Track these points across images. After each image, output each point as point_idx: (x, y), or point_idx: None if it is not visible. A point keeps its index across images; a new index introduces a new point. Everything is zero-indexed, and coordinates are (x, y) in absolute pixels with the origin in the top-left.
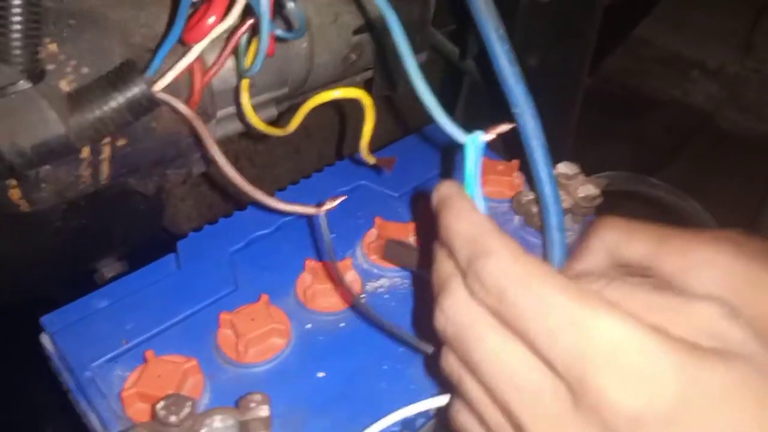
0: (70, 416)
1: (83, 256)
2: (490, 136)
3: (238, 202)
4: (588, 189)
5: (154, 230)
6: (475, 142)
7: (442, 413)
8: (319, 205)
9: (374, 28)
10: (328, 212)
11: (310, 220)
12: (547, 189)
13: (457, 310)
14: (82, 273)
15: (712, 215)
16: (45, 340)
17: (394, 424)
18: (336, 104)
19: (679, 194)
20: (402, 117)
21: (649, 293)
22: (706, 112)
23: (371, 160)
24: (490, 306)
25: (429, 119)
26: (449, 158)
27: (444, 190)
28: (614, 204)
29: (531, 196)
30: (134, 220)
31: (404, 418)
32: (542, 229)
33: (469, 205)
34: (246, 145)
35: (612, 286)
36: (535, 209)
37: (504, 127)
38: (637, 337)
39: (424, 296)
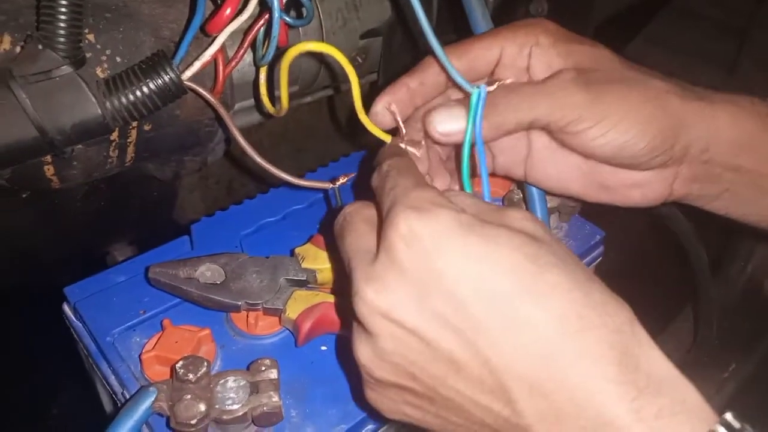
0: (78, 392)
1: (99, 238)
2: (492, 87)
3: (242, 196)
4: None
5: (164, 217)
6: (480, 94)
7: None
8: (333, 180)
9: (379, 34)
10: (333, 201)
11: (326, 196)
12: (534, 190)
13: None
14: (92, 257)
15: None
16: (67, 309)
17: None
18: (336, 106)
19: None
20: None
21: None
22: None
23: (368, 123)
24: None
25: None
26: None
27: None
28: (599, 205)
29: (521, 194)
30: (148, 206)
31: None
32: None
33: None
34: (251, 142)
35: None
36: (524, 207)
37: (507, 80)
38: (435, 198)
39: None
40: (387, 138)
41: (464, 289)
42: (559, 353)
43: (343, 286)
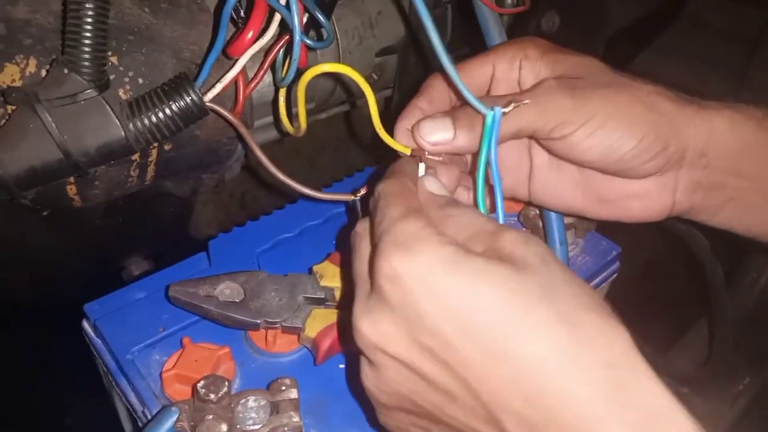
0: (94, 407)
1: (115, 252)
2: (508, 108)
3: (255, 209)
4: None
5: (180, 230)
6: (494, 116)
7: None
8: (354, 192)
9: (394, 51)
10: (356, 213)
11: (341, 212)
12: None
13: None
14: (108, 271)
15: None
16: (87, 326)
17: None
18: (349, 121)
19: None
20: None
21: (477, 219)
22: None
23: (387, 138)
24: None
25: None
26: None
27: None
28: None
29: (537, 211)
30: (164, 220)
31: None
32: (546, 242)
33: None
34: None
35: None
36: (540, 224)
37: (522, 102)
38: (420, 231)
39: None
40: (407, 150)
41: (448, 327)
42: (544, 391)
43: (345, 301)
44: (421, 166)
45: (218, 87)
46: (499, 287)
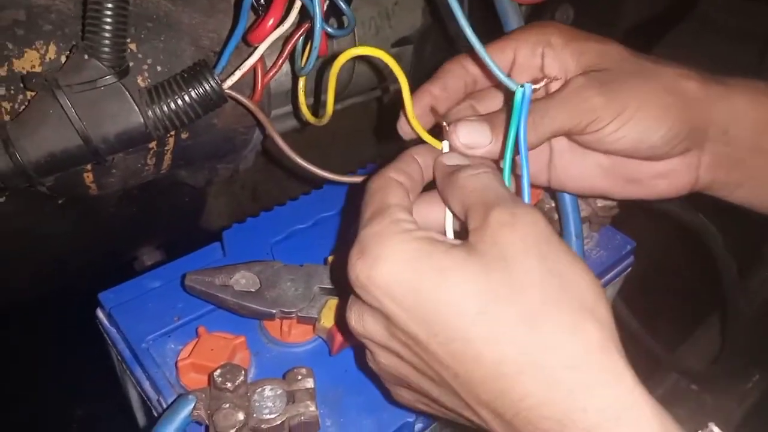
0: (104, 396)
1: (129, 242)
2: (538, 85)
3: (266, 201)
4: (606, 200)
5: (192, 222)
6: (524, 92)
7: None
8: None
9: (411, 42)
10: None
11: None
12: (567, 198)
13: None
14: (121, 262)
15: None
16: (101, 314)
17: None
18: (361, 110)
19: (689, 209)
20: None
21: (478, 186)
22: None
23: (419, 129)
24: None
25: None
26: None
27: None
28: (629, 214)
29: (552, 203)
30: (177, 211)
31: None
32: (561, 235)
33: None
34: (278, 150)
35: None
36: (556, 216)
37: (553, 78)
38: (383, 231)
39: None
40: (438, 145)
41: (416, 328)
42: (507, 392)
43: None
44: (445, 144)
45: (237, 74)
46: (461, 290)
